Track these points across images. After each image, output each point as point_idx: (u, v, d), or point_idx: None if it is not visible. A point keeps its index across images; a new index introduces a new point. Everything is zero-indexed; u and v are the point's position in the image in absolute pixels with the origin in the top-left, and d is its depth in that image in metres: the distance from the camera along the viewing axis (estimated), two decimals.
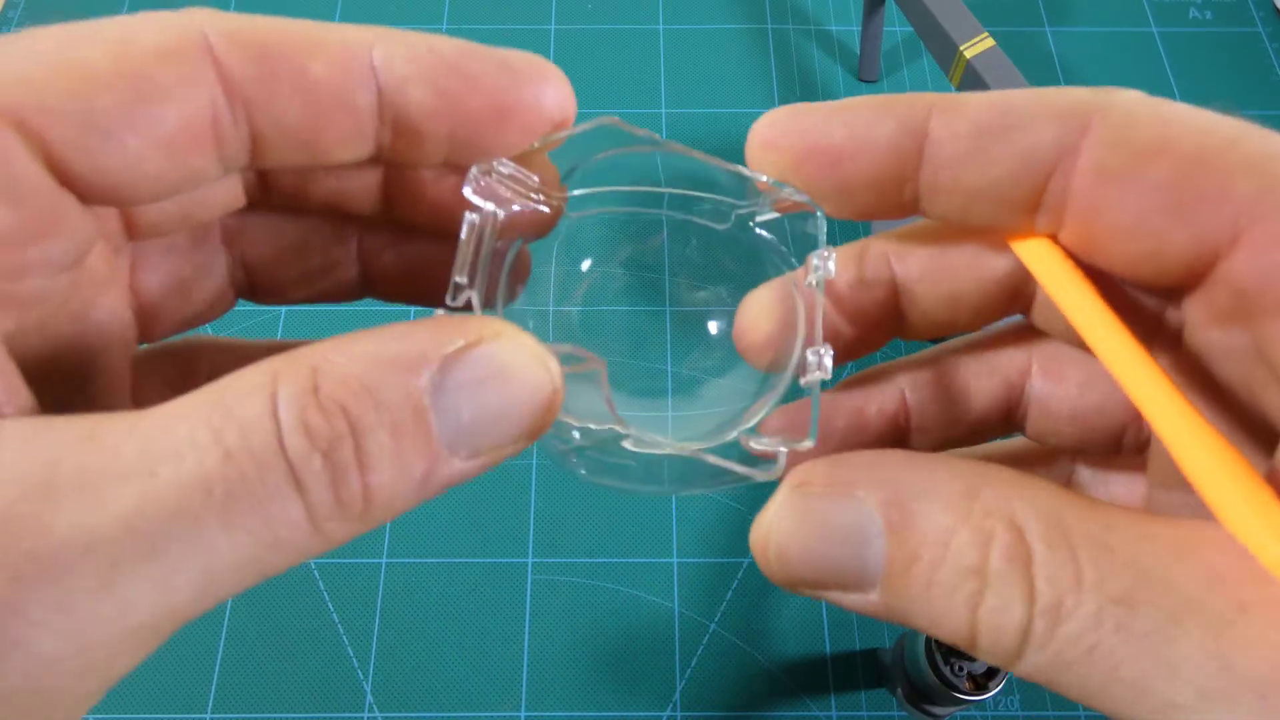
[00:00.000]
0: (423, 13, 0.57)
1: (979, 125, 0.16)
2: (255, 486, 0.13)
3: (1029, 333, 0.20)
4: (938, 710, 0.34)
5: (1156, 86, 0.54)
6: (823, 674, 0.39)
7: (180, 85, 0.15)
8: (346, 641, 0.40)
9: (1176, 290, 0.16)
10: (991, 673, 0.32)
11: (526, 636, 0.40)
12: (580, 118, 0.19)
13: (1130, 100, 0.16)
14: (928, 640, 0.32)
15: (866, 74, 0.54)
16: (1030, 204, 0.17)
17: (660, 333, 0.22)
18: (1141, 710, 0.13)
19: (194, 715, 0.38)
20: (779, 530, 0.15)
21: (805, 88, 0.54)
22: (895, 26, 0.56)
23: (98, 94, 0.14)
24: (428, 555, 0.41)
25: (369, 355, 0.14)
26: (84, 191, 0.15)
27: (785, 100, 0.54)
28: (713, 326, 0.21)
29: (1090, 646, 0.13)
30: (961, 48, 0.44)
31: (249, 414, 0.13)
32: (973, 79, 0.44)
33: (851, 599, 0.15)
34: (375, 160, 0.18)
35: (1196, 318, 0.16)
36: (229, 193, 0.19)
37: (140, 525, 0.12)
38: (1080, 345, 0.18)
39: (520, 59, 0.18)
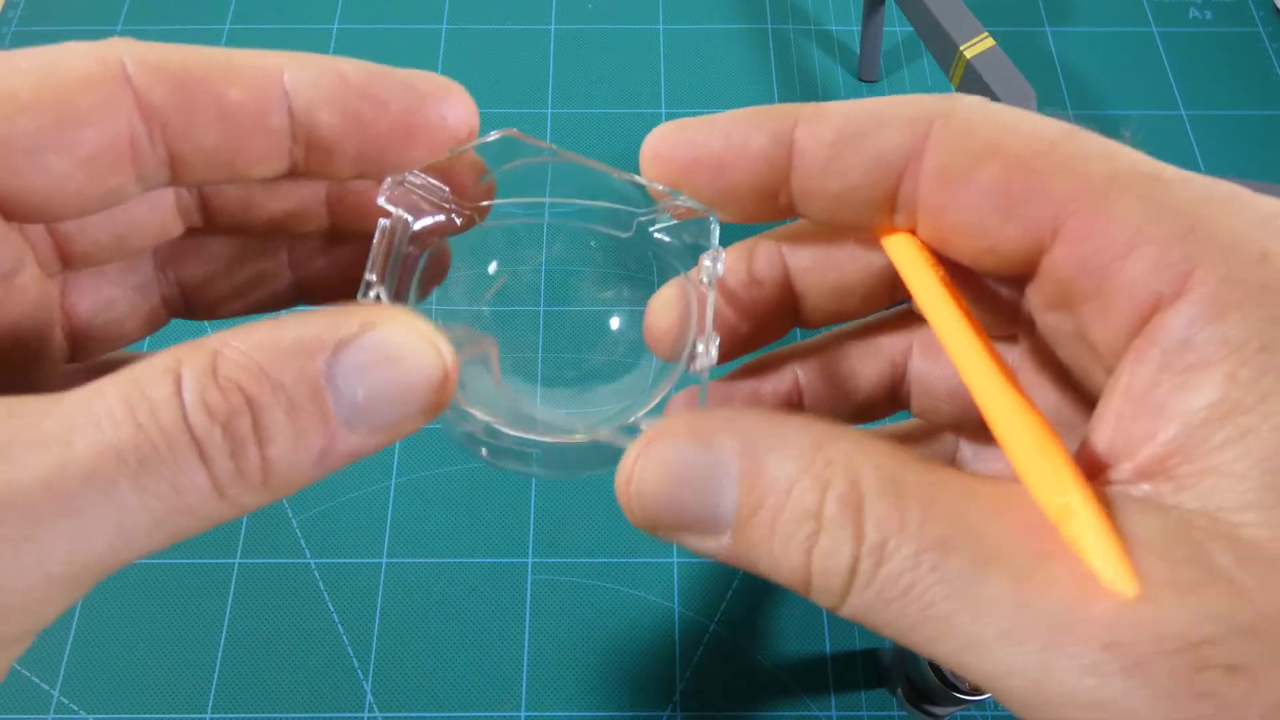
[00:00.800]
0: (423, 13, 0.57)
1: (838, 133, 0.18)
2: (164, 455, 0.14)
3: (911, 318, 0.22)
4: (938, 710, 0.34)
5: (1157, 86, 0.54)
6: (823, 674, 0.39)
7: (98, 110, 0.17)
8: (346, 641, 0.40)
9: (1019, 280, 0.18)
10: None
11: (526, 636, 0.40)
12: (580, 118, 0.20)
13: (969, 106, 0.17)
14: None
15: (866, 74, 0.54)
16: (887, 204, 0.18)
17: (565, 330, 0.22)
18: (947, 645, 0.14)
19: (194, 715, 0.38)
20: (640, 474, 0.16)
21: (805, 88, 0.54)
22: (895, 26, 0.56)
23: (18, 117, 0.16)
24: (428, 555, 0.41)
25: (266, 341, 0.15)
26: (8, 209, 0.17)
27: (786, 100, 0.54)
28: (614, 323, 0.22)
29: (908, 585, 0.14)
30: (961, 48, 0.44)
31: (158, 394, 0.14)
32: (973, 79, 0.44)
33: (706, 544, 0.16)
34: (291, 174, 0.19)
35: (1035, 304, 0.18)
36: (164, 221, 0.21)
37: (58, 486, 0.13)
38: None
39: (425, 80, 0.19)
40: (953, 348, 0.17)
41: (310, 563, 0.41)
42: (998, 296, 0.19)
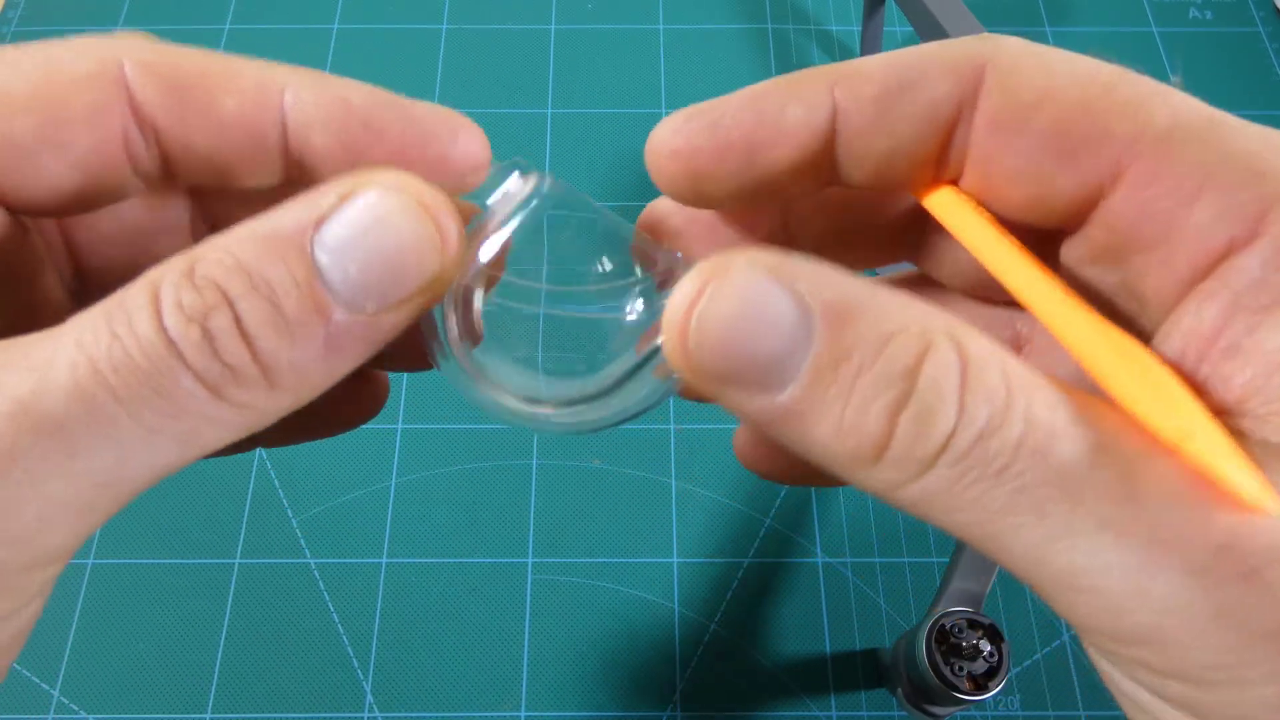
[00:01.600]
0: (423, 13, 0.57)
1: (881, 88, 0.17)
2: (140, 361, 0.14)
3: (924, 284, 0.21)
4: (938, 710, 0.34)
5: None
6: (823, 674, 0.39)
7: (93, 111, 0.17)
8: (346, 641, 0.40)
9: (1059, 233, 0.17)
10: (991, 673, 0.32)
11: (526, 636, 0.40)
12: (580, 118, 0.19)
13: (1015, 49, 0.17)
14: (928, 640, 0.32)
15: None
16: (936, 158, 0.17)
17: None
18: (1031, 537, 0.13)
19: (194, 715, 0.38)
20: (709, 307, 0.14)
21: None
22: (895, 26, 0.56)
23: (15, 117, 0.16)
24: (428, 555, 0.41)
25: (242, 235, 0.15)
26: (10, 203, 0.17)
27: None
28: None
29: (1003, 466, 0.13)
30: None
31: (134, 304, 0.14)
32: None
33: (755, 401, 0.14)
34: (289, 185, 0.19)
35: (1075, 257, 0.17)
36: (178, 237, 0.20)
37: (35, 406, 0.13)
38: (974, 297, 0.20)
39: (431, 115, 0.19)
40: (1034, 297, 0.16)
41: (310, 563, 0.41)
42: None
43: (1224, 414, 0.14)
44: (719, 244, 0.20)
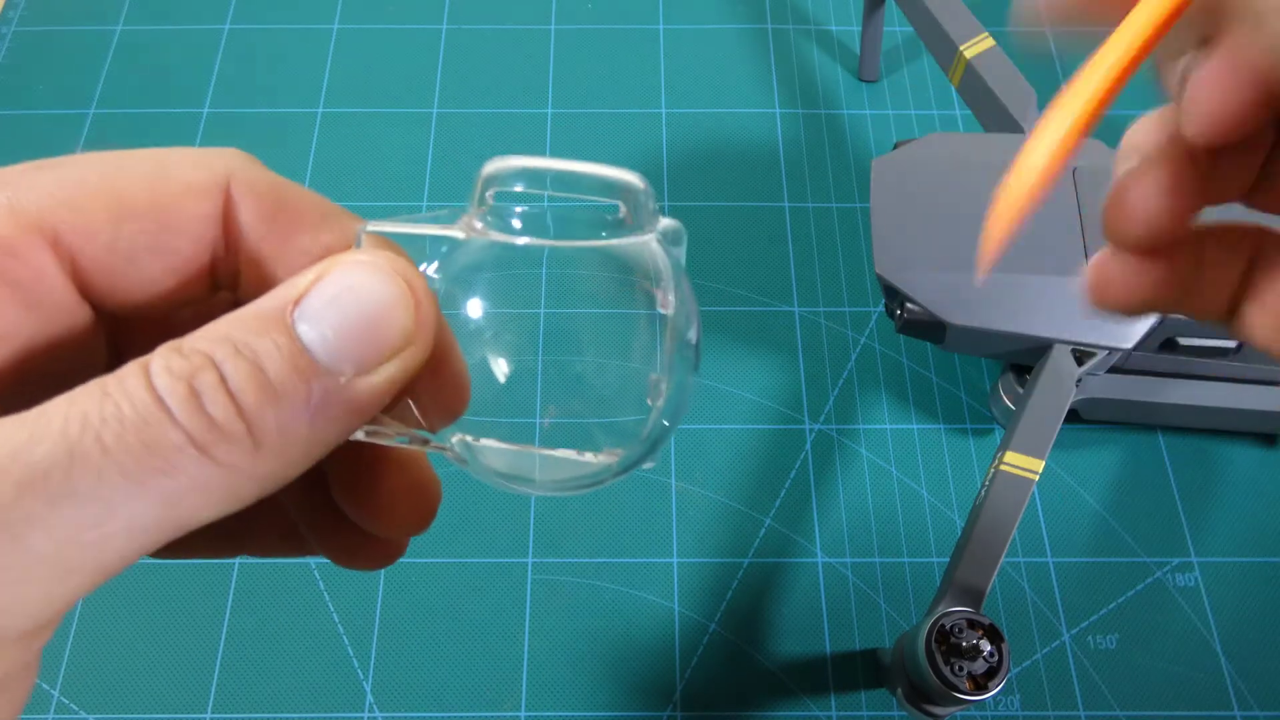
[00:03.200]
0: (423, 13, 0.57)
1: None
2: (129, 414, 0.14)
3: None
4: (938, 710, 0.34)
5: (1156, 86, 0.54)
6: (823, 674, 0.39)
7: (199, 221, 0.18)
8: (346, 641, 0.40)
9: None
10: (991, 673, 0.32)
11: (526, 636, 0.40)
12: (580, 118, 0.20)
13: None
14: (928, 640, 0.32)
15: (866, 74, 0.54)
16: None
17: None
18: None
19: (194, 715, 0.38)
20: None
21: (805, 88, 0.54)
22: (895, 26, 0.56)
23: (129, 221, 0.17)
24: (428, 555, 0.41)
25: (227, 318, 0.15)
26: (100, 302, 0.18)
27: (785, 101, 0.54)
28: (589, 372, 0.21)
29: None
30: (961, 48, 0.44)
31: (125, 372, 0.15)
32: (973, 79, 0.44)
33: None
34: None
35: None
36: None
37: (23, 456, 0.13)
38: None
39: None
40: None
41: (310, 563, 0.41)
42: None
43: None
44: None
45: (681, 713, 0.38)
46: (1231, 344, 0.39)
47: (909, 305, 0.38)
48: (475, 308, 0.19)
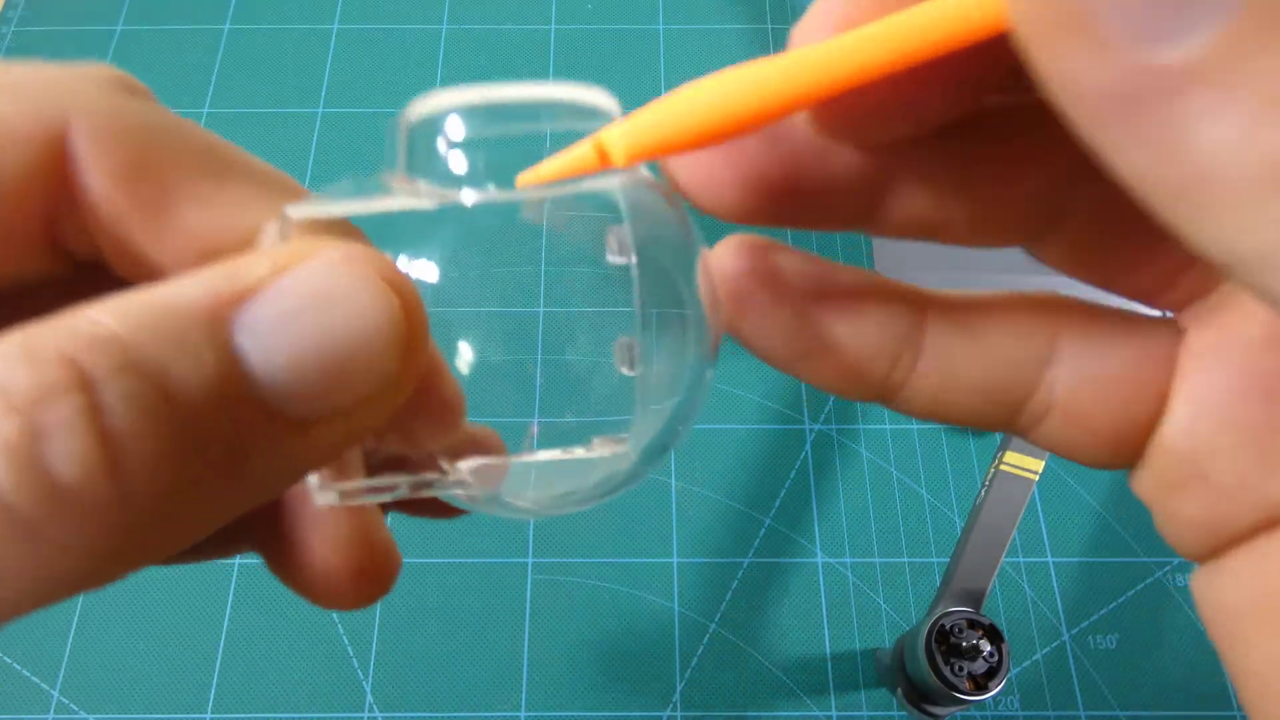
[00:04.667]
0: (423, 13, 0.57)
1: None
2: None
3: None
4: (938, 710, 0.34)
5: None
6: (823, 674, 0.39)
7: (16, 189, 0.13)
8: (346, 641, 0.40)
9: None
10: (991, 673, 0.32)
11: (526, 636, 0.40)
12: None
13: None
14: (928, 640, 0.32)
15: None
16: None
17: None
18: None
19: (194, 715, 0.38)
20: None
21: None
22: None
23: None
24: (428, 555, 0.41)
25: (124, 304, 0.10)
26: None
27: None
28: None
29: None
30: None
31: None
32: None
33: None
34: None
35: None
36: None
37: None
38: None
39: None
40: None
41: None
42: None
43: None
44: None
45: (681, 713, 0.38)
46: None
47: None
48: (445, 295, 0.15)
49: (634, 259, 0.15)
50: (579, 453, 0.16)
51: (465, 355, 0.16)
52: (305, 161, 0.51)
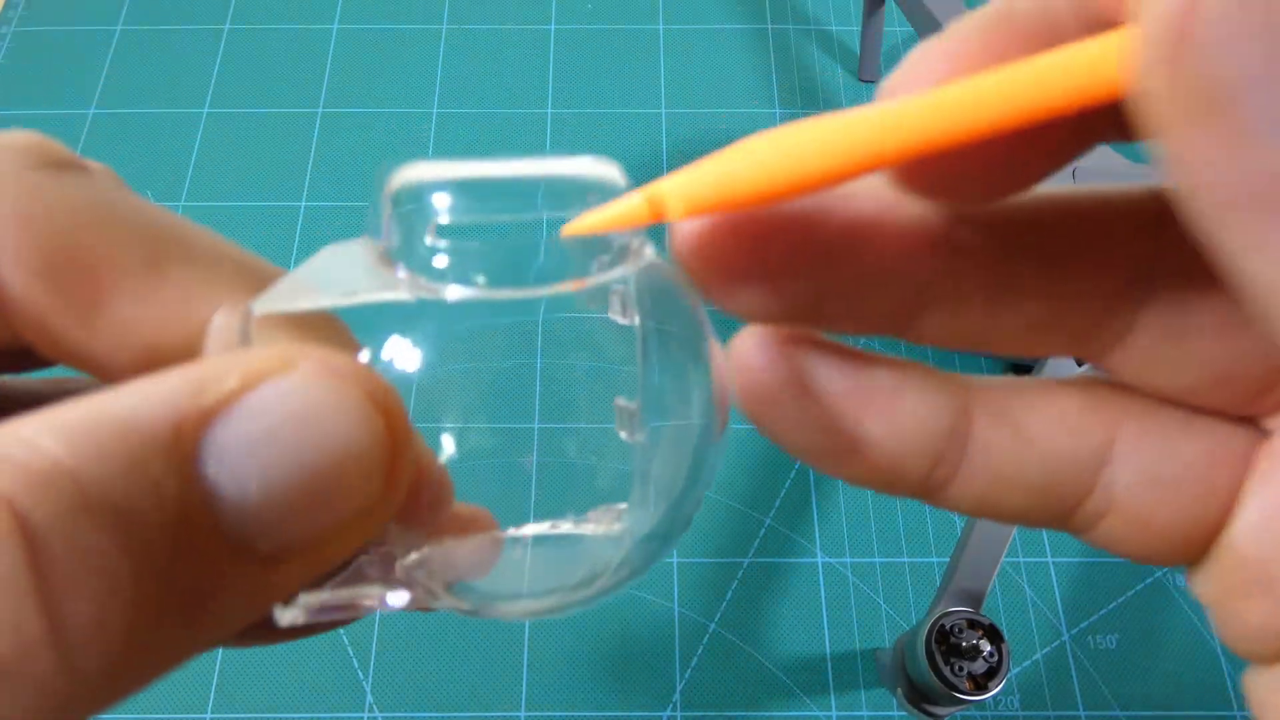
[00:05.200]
0: (423, 13, 0.57)
1: None
2: None
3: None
4: (938, 710, 0.34)
5: None
6: (823, 674, 0.39)
7: None
8: (346, 642, 0.40)
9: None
10: (991, 672, 0.32)
11: (526, 636, 0.40)
12: (580, 118, 0.15)
13: None
14: (928, 640, 0.32)
15: (866, 74, 0.54)
16: None
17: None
18: None
19: (194, 715, 0.38)
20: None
21: (805, 88, 0.54)
22: (895, 26, 0.56)
23: None
24: None
25: (76, 424, 0.09)
26: None
27: (785, 101, 0.54)
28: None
29: None
30: None
31: None
32: None
33: None
34: None
35: None
36: None
37: None
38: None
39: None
40: None
41: None
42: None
43: None
44: None
45: (681, 713, 0.38)
46: None
47: None
48: (427, 390, 0.14)
49: (638, 320, 0.14)
50: (568, 526, 0.14)
51: (450, 444, 0.14)
52: (305, 161, 0.51)
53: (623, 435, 0.14)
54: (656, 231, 0.13)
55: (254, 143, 0.52)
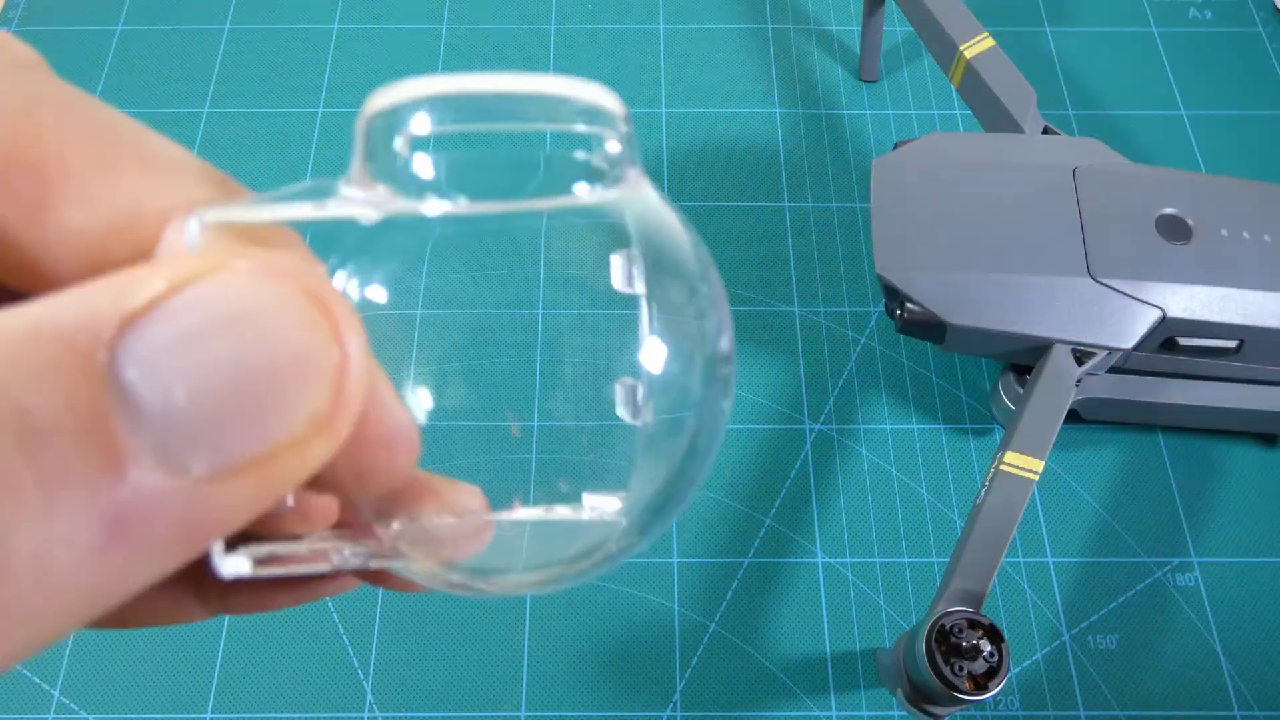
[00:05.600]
0: (422, 13, 0.57)
1: None
2: None
3: None
4: (938, 710, 0.34)
5: (1157, 86, 0.54)
6: (823, 674, 0.39)
7: None
8: (346, 641, 0.40)
9: None
10: (991, 673, 0.32)
11: (526, 636, 0.40)
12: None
13: None
14: (928, 640, 0.32)
15: (867, 74, 0.54)
16: None
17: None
18: None
19: (194, 715, 0.38)
20: None
21: (805, 88, 0.54)
22: (895, 26, 0.56)
23: None
24: None
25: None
26: None
27: (786, 100, 0.54)
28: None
29: None
30: (961, 48, 0.44)
31: None
32: (973, 79, 0.44)
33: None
34: None
35: None
36: None
37: None
38: None
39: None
40: None
41: None
42: None
43: None
44: None
45: (681, 713, 0.38)
46: (1232, 344, 0.39)
47: (909, 305, 0.38)
48: (403, 321, 0.13)
49: (643, 289, 0.13)
50: (564, 512, 0.13)
51: (430, 399, 0.13)
52: (305, 161, 0.51)
53: (625, 417, 0.13)
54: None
55: (254, 142, 0.52)
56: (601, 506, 0.13)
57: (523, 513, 0.13)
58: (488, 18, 0.57)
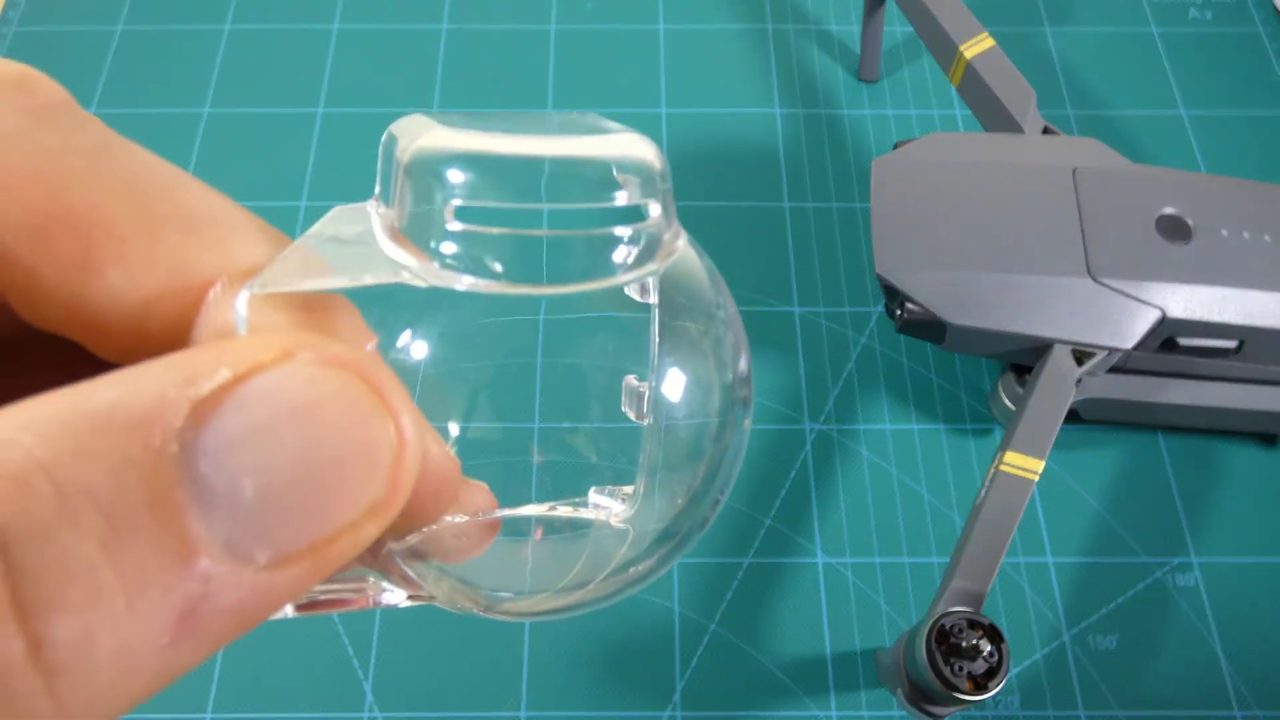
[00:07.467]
0: (422, 12, 0.57)
1: None
2: None
3: None
4: (938, 710, 0.34)
5: (1157, 86, 0.54)
6: (823, 674, 0.39)
7: None
8: (346, 641, 0.40)
9: None
10: (991, 672, 0.32)
11: (526, 636, 0.40)
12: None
13: None
14: (928, 640, 0.32)
15: (867, 74, 0.54)
16: None
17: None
18: None
19: (194, 715, 0.38)
20: None
21: (805, 88, 0.54)
22: (895, 26, 0.56)
23: None
24: None
25: (54, 418, 0.08)
26: None
27: (786, 100, 0.54)
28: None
29: None
30: (961, 48, 0.44)
31: None
32: (973, 79, 0.44)
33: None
34: None
35: None
36: None
37: None
38: None
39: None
40: None
41: None
42: None
43: None
44: None
45: (681, 713, 0.38)
46: (1231, 344, 0.39)
47: (909, 305, 0.38)
48: (434, 376, 0.13)
49: (655, 299, 0.13)
50: (570, 510, 0.13)
51: (456, 427, 0.13)
52: (305, 161, 0.51)
53: (630, 414, 0.14)
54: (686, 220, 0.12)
55: (254, 143, 0.52)
56: (607, 505, 0.14)
57: (529, 509, 0.14)
58: (488, 18, 0.57)
